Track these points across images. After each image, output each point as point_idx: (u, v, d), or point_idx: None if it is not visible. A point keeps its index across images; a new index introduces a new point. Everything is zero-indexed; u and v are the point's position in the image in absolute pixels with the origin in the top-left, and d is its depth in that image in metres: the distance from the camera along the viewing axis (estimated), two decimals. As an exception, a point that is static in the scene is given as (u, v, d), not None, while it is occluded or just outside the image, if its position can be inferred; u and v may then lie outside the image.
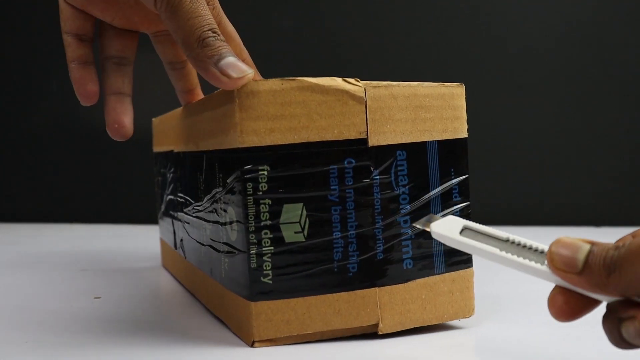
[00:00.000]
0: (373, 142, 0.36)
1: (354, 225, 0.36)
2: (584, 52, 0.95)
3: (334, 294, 0.36)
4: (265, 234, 0.35)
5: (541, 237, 0.83)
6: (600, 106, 0.95)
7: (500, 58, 0.96)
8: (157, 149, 0.61)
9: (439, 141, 0.38)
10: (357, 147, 0.36)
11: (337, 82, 0.36)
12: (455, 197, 0.39)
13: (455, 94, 0.39)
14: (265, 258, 0.35)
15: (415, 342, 0.36)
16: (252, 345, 0.35)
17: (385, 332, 0.37)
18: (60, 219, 1.05)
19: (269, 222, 0.35)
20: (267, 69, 0.50)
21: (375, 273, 0.36)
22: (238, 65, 0.35)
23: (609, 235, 0.82)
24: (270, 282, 0.35)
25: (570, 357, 0.33)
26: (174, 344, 0.36)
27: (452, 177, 0.39)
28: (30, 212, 1.06)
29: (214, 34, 0.36)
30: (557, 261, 0.27)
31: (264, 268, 0.35)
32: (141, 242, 0.80)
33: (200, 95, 0.49)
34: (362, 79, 0.36)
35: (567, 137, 0.95)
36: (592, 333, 0.37)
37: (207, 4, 0.41)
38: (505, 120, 0.96)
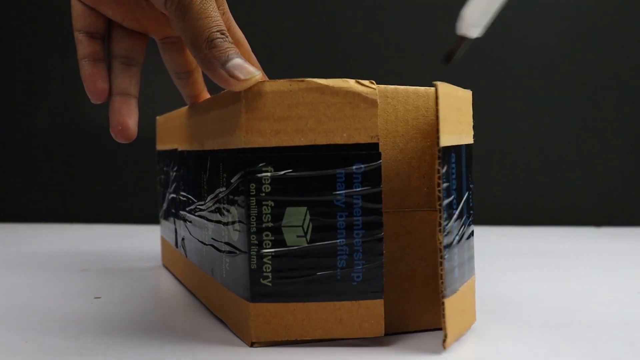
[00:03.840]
0: None
1: (361, 232, 0.35)
2: (584, 52, 0.95)
3: (336, 302, 0.35)
4: (267, 235, 0.35)
5: (541, 237, 0.83)
6: (600, 106, 0.95)
7: (500, 59, 0.96)
8: (160, 147, 0.61)
9: None
10: (368, 151, 0.35)
11: (349, 84, 0.35)
12: None
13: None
14: (265, 260, 0.35)
15: (415, 341, 0.36)
16: (251, 346, 0.35)
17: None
18: (60, 219, 1.05)
19: (270, 224, 0.35)
20: (268, 71, 0.50)
21: (382, 284, 0.35)
22: (245, 67, 0.35)
23: (609, 235, 0.83)
24: (270, 284, 0.35)
25: (570, 358, 0.33)
26: (174, 344, 0.36)
27: None
28: (30, 212, 1.06)
29: (223, 36, 0.36)
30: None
31: (264, 270, 0.35)
32: (141, 242, 0.80)
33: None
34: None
35: (567, 137, 0.95)
36: (591, 333, 0.37)
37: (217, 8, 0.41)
38: (505, 120, 0.96)
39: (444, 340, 0.33)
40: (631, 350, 0.34)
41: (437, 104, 0.33)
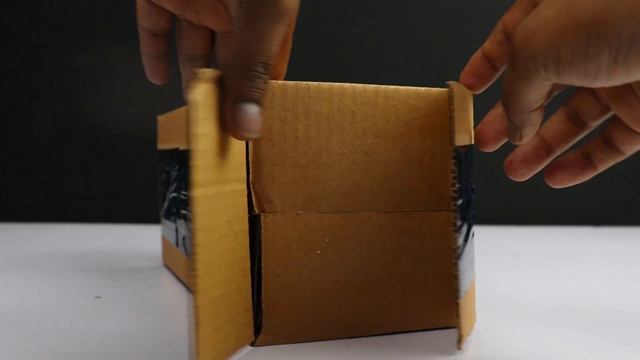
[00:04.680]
0: None
1: None
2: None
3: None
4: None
5: (541, 237, 0.83)
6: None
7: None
8: (161, 146, 0.61)
9: None
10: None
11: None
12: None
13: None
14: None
15: (416, 341, 0.36)
16: (251, 344, 0.35)
17: None
18: (60, 219, 1.05)
19: None
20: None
21: None
22: (254, 124, 0.32)
23: (609, 235, 0.83)
24: None
25: (569, 357, 0.33)
26: (174, 343, 0.36)
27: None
28: (30, 212, 1.06)
29: (265, 72, 0.32)
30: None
31: None
32: (141, 242, 0.80)
33: None
34: (361, 81, 0.36)
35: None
36: (590, 332, 0.37)
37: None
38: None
39: (459, 341, 0.33)
40: (631, 350, 0.34)
41: (451, 103, 0.33)
